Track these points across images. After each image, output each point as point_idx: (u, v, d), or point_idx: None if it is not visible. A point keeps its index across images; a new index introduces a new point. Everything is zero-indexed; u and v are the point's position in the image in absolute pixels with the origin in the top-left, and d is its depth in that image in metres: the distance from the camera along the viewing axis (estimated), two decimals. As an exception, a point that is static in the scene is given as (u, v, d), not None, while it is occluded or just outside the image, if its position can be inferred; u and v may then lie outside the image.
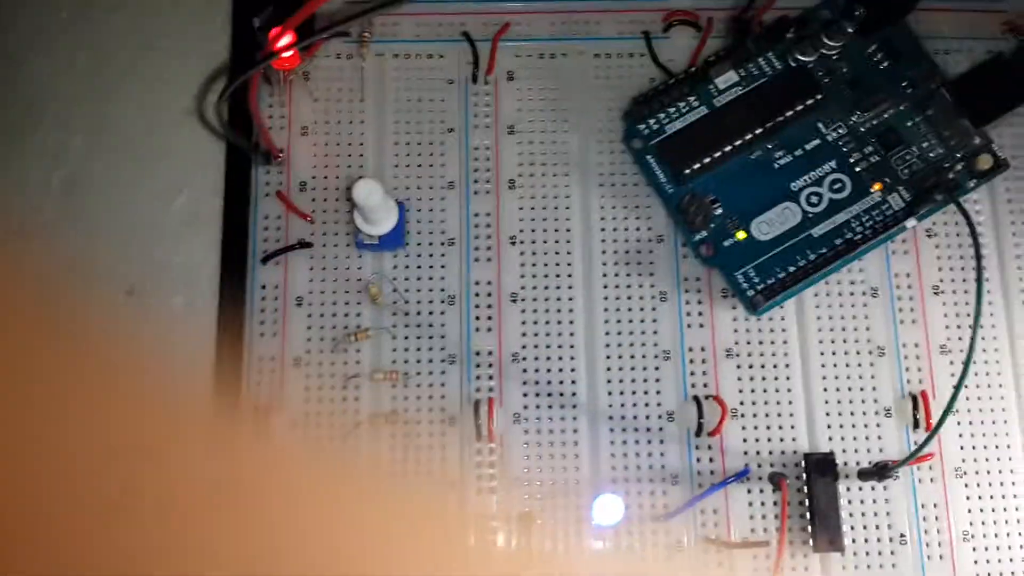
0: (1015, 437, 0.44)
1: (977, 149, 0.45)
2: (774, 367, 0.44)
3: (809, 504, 0.42)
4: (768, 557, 0.42)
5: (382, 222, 0.43)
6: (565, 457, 0.43)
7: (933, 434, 0.40)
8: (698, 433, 0.43)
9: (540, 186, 0.46)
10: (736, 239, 0.45)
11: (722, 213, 0.45)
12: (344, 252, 0.45)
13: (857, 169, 0.45)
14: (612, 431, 0.43)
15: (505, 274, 0.45)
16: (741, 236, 0.45)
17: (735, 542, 0.42)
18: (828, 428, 0.44)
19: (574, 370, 0.44)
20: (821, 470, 0.42)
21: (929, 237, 0.46)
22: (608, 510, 0.41)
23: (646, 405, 0.44)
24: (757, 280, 0.44)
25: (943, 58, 0.48)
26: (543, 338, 0.44)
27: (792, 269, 0.44)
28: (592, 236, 0.46)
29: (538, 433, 0.43)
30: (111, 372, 0.42)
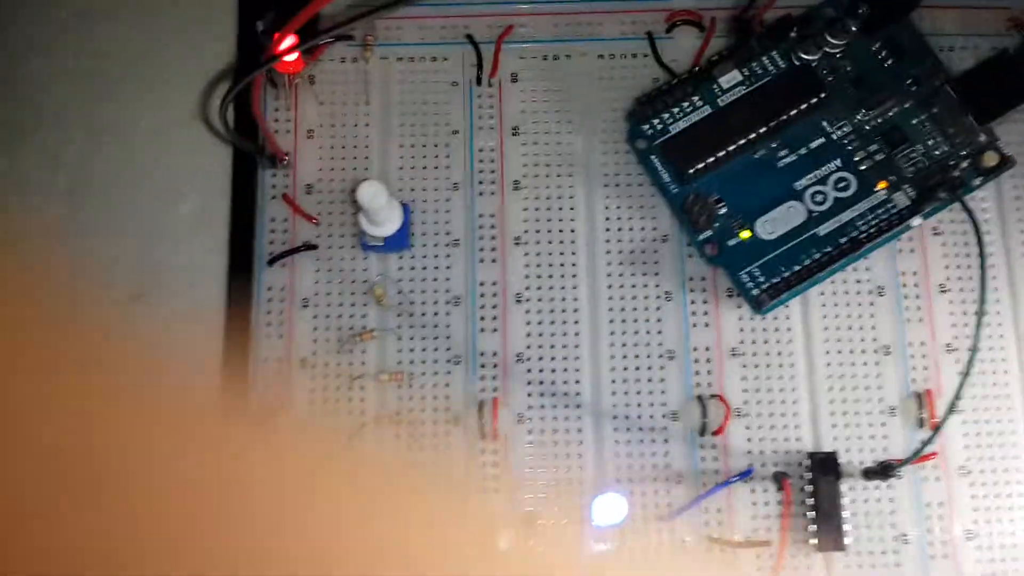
0: (1020, 436, 0.44)
1: (983, 147, 0.45)
2: (779, 367, 0.44)
3: (813, 503, 0.42)
4: (771, 556, 0.42)
5: (387, 224, 0.44)
6: (569, 457, 0.43)
7: (937, 432, 0.40)
8: (702, 433, 0.43)
9: (545, 187, 0.46)
10: (740, 238, 0.44)
11: (726, 212, 0.45)
12: (350, 254, 0.45)
13: (862, 167, 0.45)
14: (616, 431, 0.43)
15: (510, 275, 0.45)
16: (746, 235, 0.45)
17: (738, 541, 0.42)
18: (833, 427, 0.44)
19: (578, 370, 0.44)
20: (825, 469, 0.42)
21: (936, 235, 0.46)
22: (609, 510, 0.41)
23: (650, 405, 0.44)
24: (762, 279, 0.44)
25: (947, 55, 0.47)
26: (548, 338, 0.45)
27: (797, 268, 0.44)
28: (596, 236, 0.46)
29: (542, 433, 0.43)
30: (118, 375, 0.43)
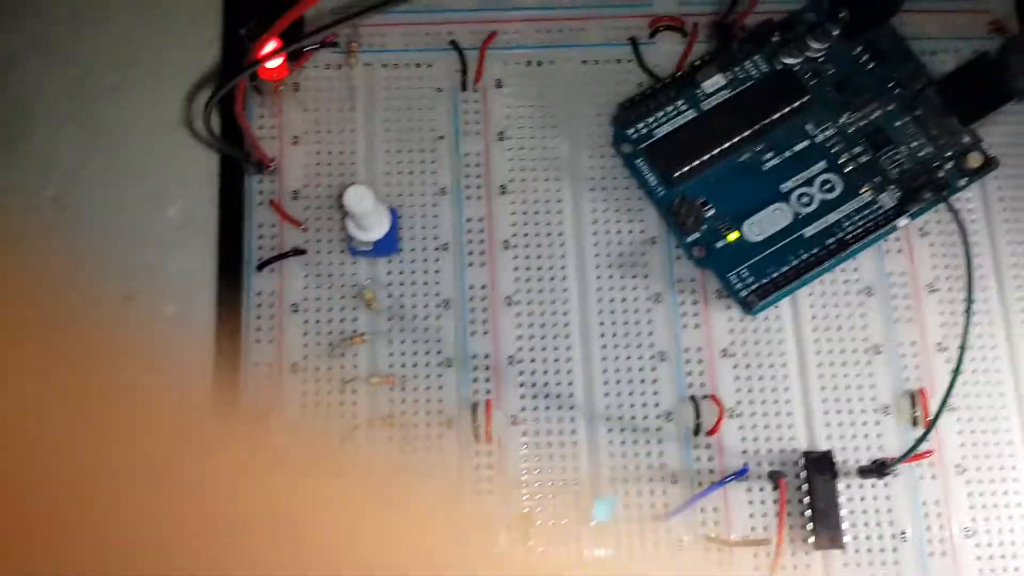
0: (1015, 433, 0.44)
1: (966, 148, 0.45)
2: (771, 366, 0.44)
3: (809, 502, 0.42)
4: (768, 555, 0.41)
5: (374, 228, 0.43)
6: (564, 458, 0.43)
7: (930, 429, 0.40)
8: (696, 433, 0.43)
9: (531, 191, 0.46)
10: (728, 240, 0.45)
11: (713, 215, 0.45)
12: (338, 259, 0.45)
13: (847, 169, 0.45)
14: (610, 432, 0.43)
15: (499, 278, 0.45)
16: (733, 237, 0.45)
17: (735, 541, 0.42)
18: (827, 426, 0.44)
19: (571, 372, 0.44)
20: (820, 468, 0.42)
21: (923, 236, 0.46)
22: (607, 507, 0.40)
23: (643, 406, 0.44)
24: (751, 280, 0.44)
25: (930, 59, 0.48)
26: (539, 340, 0.44)
27: (785, 269, 0.44)
28: (585, 239, 0.46)
29: (536, 435, 0.43)
30: (108, 379, 0.42)
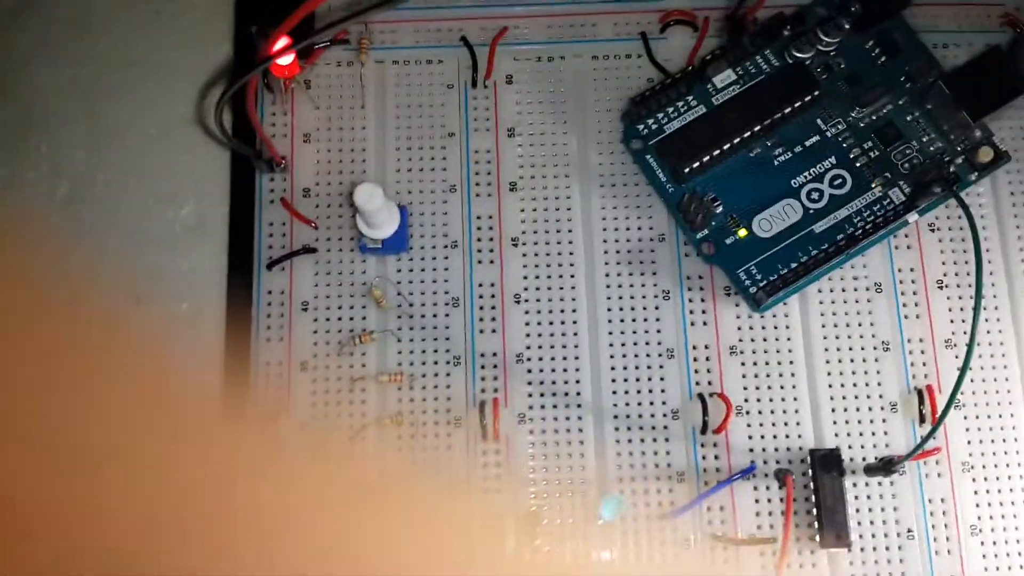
0: (1021, 431, 0.44)
1: (978, 142, 0.45)
2: (778, 364, 0.44)
3: (815, 500, 0.42)
4: (775, 554, 0.42)
5: (384, 225, 0.44)
6: (571, 456, 0.43)
7: (937, 426, 0.40)
8: (703, 431, 0.43)
9: (541, 188, 0.47)
10: (738, 237, 0.45)
11: (723, 211, 0.45)
12: (348, 257, 0.45)
13: (857, 164, 0.45)
14: (617, 430, 0.43)
15: (508, 276, 0.45)
16: (743, 234, 0.45)
17: (742, 539, 0.42)
18: (834, 424, 0.44)
19: (578, 370, 0.44)
20: (827, 466, 0.42)
21: (932, 232, 0.46)
22: (613, 505, 0.41)
23: (651, 403, 0.44)
24: (759, 277, 0.44)
25: (941, 52, 0.48)
26: (547, 338, 0.45)
27: (794, 265, 0.44)
28: (594, 236, 0.46)
29: (543, 433, 0.43)
30: (119, 379, 0.43)
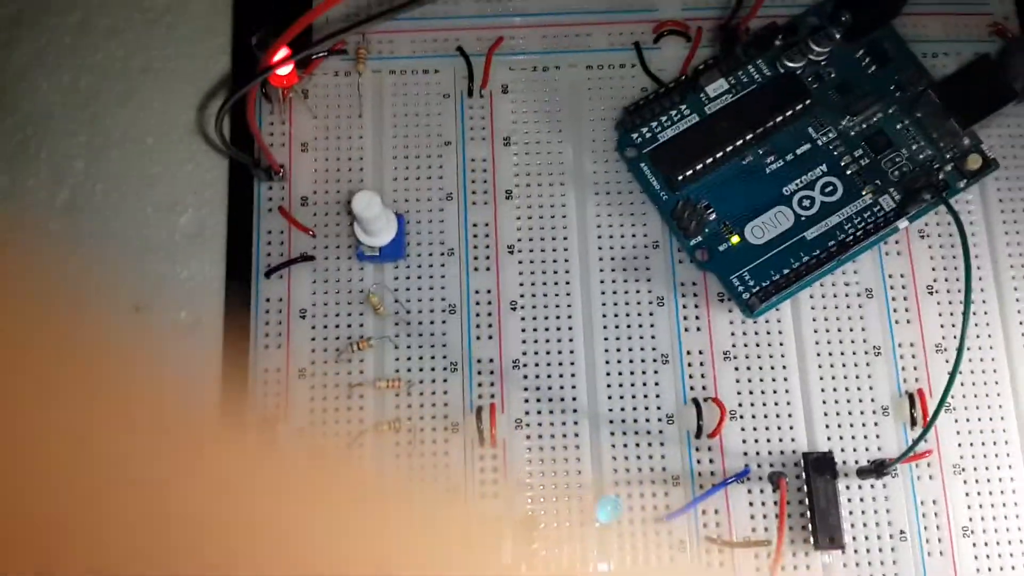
0: (1012, 434, 0.44)
1: (966, 149, 0.46)
2: (771, 369, 0.45)
3: (809, 503, 0.42)
4: (769, 556, 0.42)
5: (382, 233, 0.44)
6: (567, 461, 0.43)
7: (928, 429, 0.40)
8: (698, 435, 0.44)
9: (536, 196, 0.47)
10: (731, 244, 0.45)
11: (716, 218, 0.45)
12: (346, 264, 0.46)
13: (848, 172, 0.46)
14: (613, 434, 0.44)
15: (504, 282, 0.46)
16: (735, 240, 0.45)
17: (737, 542, 0.42)
18: (827, 428, 0.44)
19: (574, 375, 0.45)
20: (820, 469, 0.43)
21: (922, 238, 0.47)
22: (610, 508, 0.41)
23: (646, 408, 0.44)
24: (752, 283, 0.45)
25: (931, 61, 0.48)
26: (543, 344, 0.45)
27: (786, 271, 0.44)
28: (589, 243, 0.46)
29: (540, 438, 0.44)
30: (119, 387, 0.43)
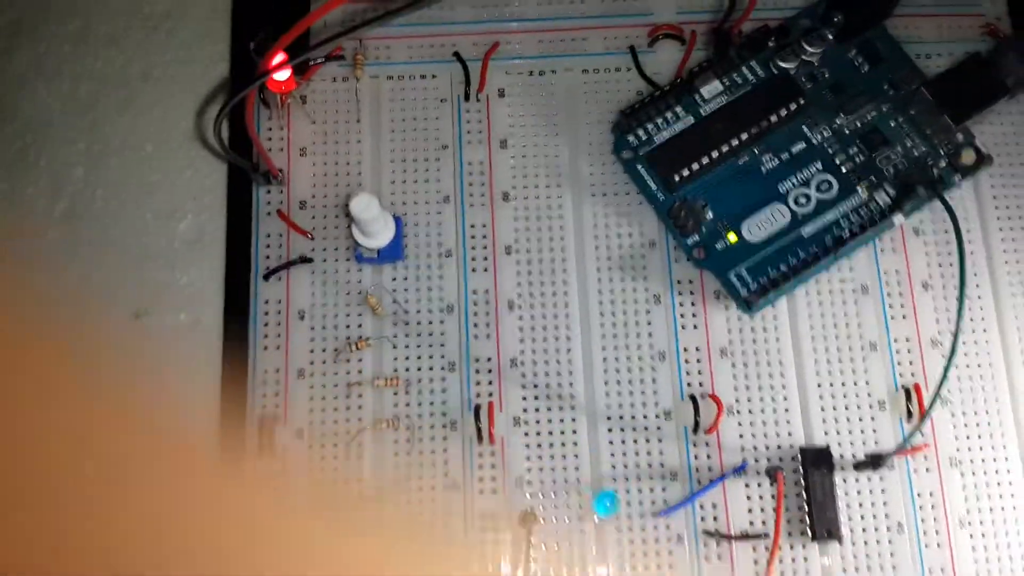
0: (1008, 427, 0.44)
1: (960, 145, 0.46)
2: (768, 365, 0.45)
3: (806, 496, 0.43)
4: (767, 549, 0.42)
5: (379, 235, 0.45)
6: (565, 457, 0.44)
7: (923, 421, 0.41)
8: (695, 431, 0.44)
9: (534, 197, 0.47)
10: (728, 242, 0.45)
11: (713, 217, 0.46)
12: (344, 266, 0.46)
13: (843, 169, 0.46)
14: (611, 431, 0.44)
15: (502, 283, 0.46)
16: (732, 239, 0.46)
17: (734, 535, 0.43)
18: (823, 423, 0.44)
19: (572, 373, 0.45)
20: (817, 463, 0.43)
21: (917, 235, 0.47)
22: (607, 502, 0.41)
23: (643, 405, 0.45)
24: (750, 280, 0.45)
25: (924, 62, 0.49)
26: (540, 343, 0.45)
27: (783, 268, 0.45)
28: (585, 244, 0.47)
29: (538, 435, 0.44)
30: (120, 391, 0.44)
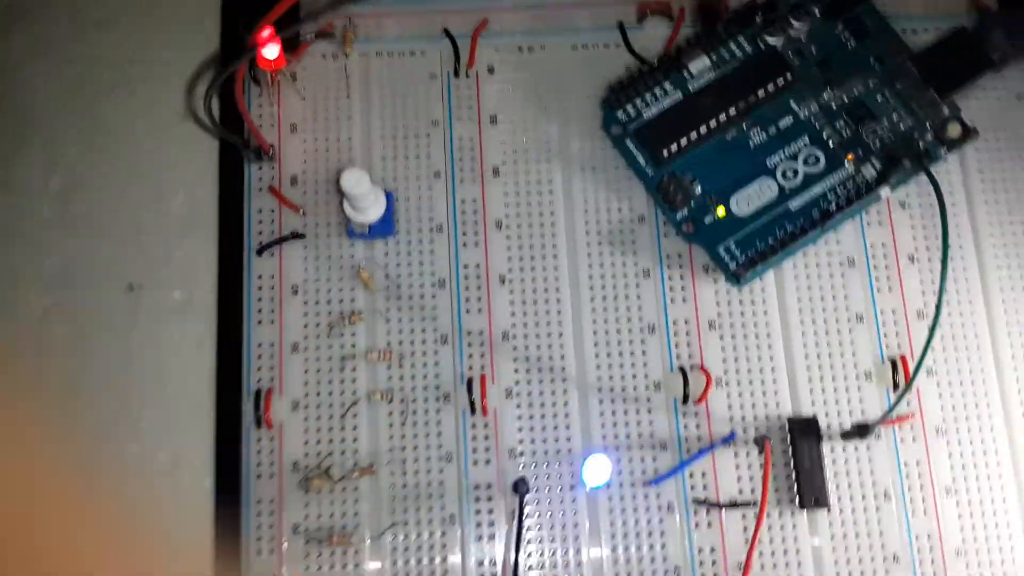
0: (993, 395, 0.45)
1: (946, 119, 0.47)
2: (756, 337, 0.46)
3: (794, 465, 0.43)
4: (756, 516, 0.43)
5: (370, 210, 0.45)
6: (557, 428, 0.44)
7: (907, 389, 0.41)
8: (684, 401, 0.44)
9: (523, 173, 0.48)
10: (716, 216, 0.46)
11: (701, 192, 0.46)
12: (336, 242, 0.47)
13: (830, 143, 0.47)
14: (601, 403, 0.45)
15: (493, 257, 0.47)
16: (721, 213, 0.46)
17: (724, 503, 0.43)
18: (811, 393, 0.45)
19: (563, 346, 0.45)
20: (805, 432, 0.44)
21: (903, 208, 0.48)
22: (597, 471, 0.42)
23: (633, 376, 0.45)
24: (738, 253, 0.45)
25: (910, 37, 0.49)
26: (532, 316, 0.46)
27: (771, 241, 0.45)
28: (575, 218, 0.47)
29: (530, 407, 0.45)
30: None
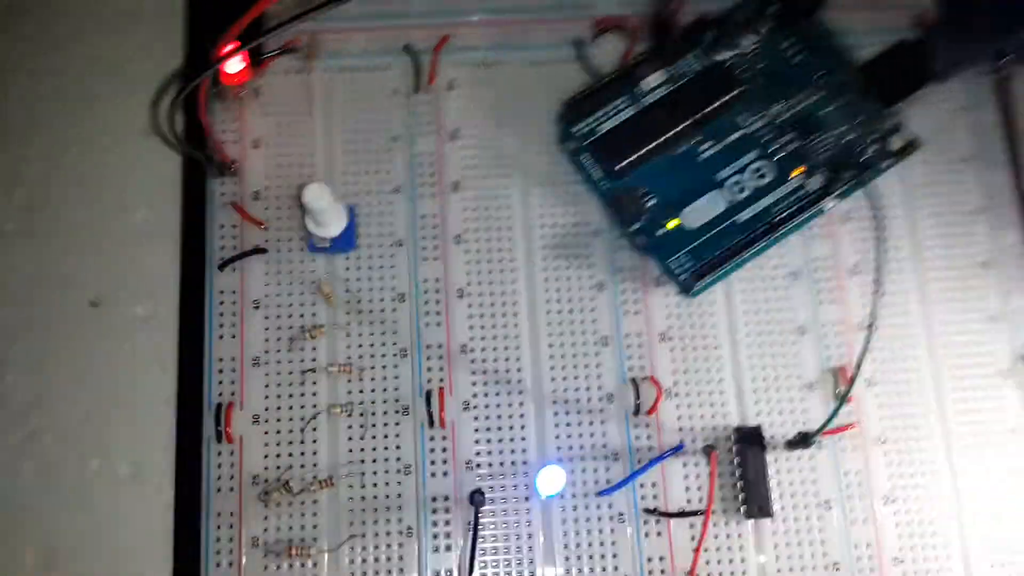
0: (930, 406, 0.47)
1: (889, 131, 0.48)
2: (704, 349, 0.47)
3: (740, 474, 0.45)
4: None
5: (332, 224, 0.45)
6: (513, 440, 0.46)
7: (842, 401, 0.43)
8: (636, 413, 0.46)
9: (483, 188, 0.49)
10: (668, 228, 0.47)
11: (654, 205, 0.47)
12: (298, 256, 0.47)
13: (777, 157, 0.48)
14: (556, 414, 0.46)
15: (451, 271, 0.48)
16: (672, 225, 0.47)
17: (672, 512, 0.45)
18: (756, 403, 0.47)
19: (519, 358, 0.47)
20: (750, 442, 0.45)
21: (846, 222, 0.49)
22: (550, 481, 0.43)
23: (587, 388, 0.46)
24: (689, 264, 0.46)
25: (857, 53, 0.50)
26: (489, 330, 0.47)
27: (720, 252, 0.46)
28: (532, 232, 0.48)
29: (487, 419, 0.46)
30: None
